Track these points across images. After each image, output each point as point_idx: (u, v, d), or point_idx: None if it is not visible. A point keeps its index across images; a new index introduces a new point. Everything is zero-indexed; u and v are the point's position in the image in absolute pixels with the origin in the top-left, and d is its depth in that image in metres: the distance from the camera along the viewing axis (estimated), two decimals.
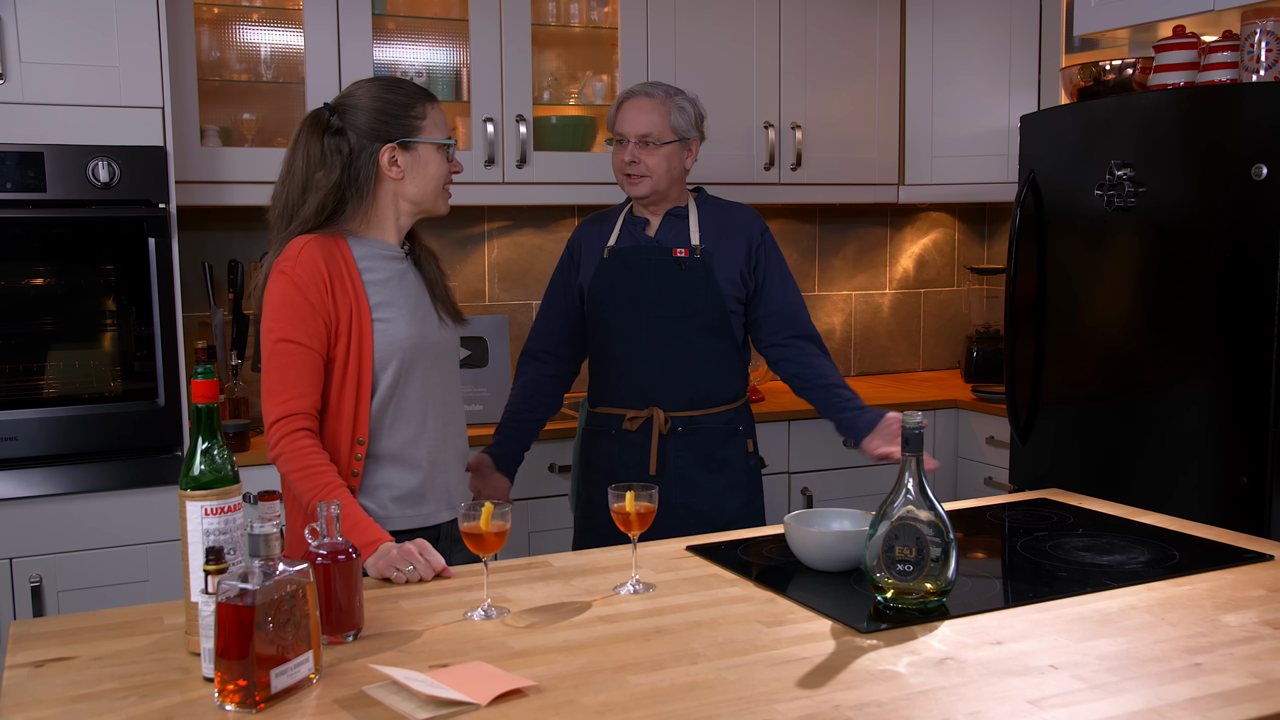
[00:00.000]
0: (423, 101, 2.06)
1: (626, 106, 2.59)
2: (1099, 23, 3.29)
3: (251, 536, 1.35)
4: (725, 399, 2.63)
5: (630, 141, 2.55)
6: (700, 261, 2.57)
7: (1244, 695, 1.35)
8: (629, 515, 1.77)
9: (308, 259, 1.95)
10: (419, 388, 2.04)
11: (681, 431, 2.59)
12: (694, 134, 2.61)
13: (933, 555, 1.61)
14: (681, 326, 2.57)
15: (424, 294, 2.10)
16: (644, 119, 2.55)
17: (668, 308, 2.57)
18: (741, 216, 2.66)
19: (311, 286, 1.94)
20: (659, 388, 2.58)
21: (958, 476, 3.79)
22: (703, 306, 2.57)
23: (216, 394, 1.53)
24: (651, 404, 2.58)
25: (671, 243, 2.60)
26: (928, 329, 4.44)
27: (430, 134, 2.06)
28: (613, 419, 2.62)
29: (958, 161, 3.89)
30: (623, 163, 2.57)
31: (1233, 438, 2.68)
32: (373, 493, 2.04)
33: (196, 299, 3.28)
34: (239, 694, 1.32)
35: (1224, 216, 2.69)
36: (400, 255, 2.08)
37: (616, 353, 2.61)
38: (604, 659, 1.48)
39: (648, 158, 2.54)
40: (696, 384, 2.59)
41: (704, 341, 2.59)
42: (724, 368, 2.62)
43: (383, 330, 2.00)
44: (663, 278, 2.57)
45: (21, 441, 2.68)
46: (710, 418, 2.61)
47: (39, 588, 2.66)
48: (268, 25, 3.23)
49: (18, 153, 2.62)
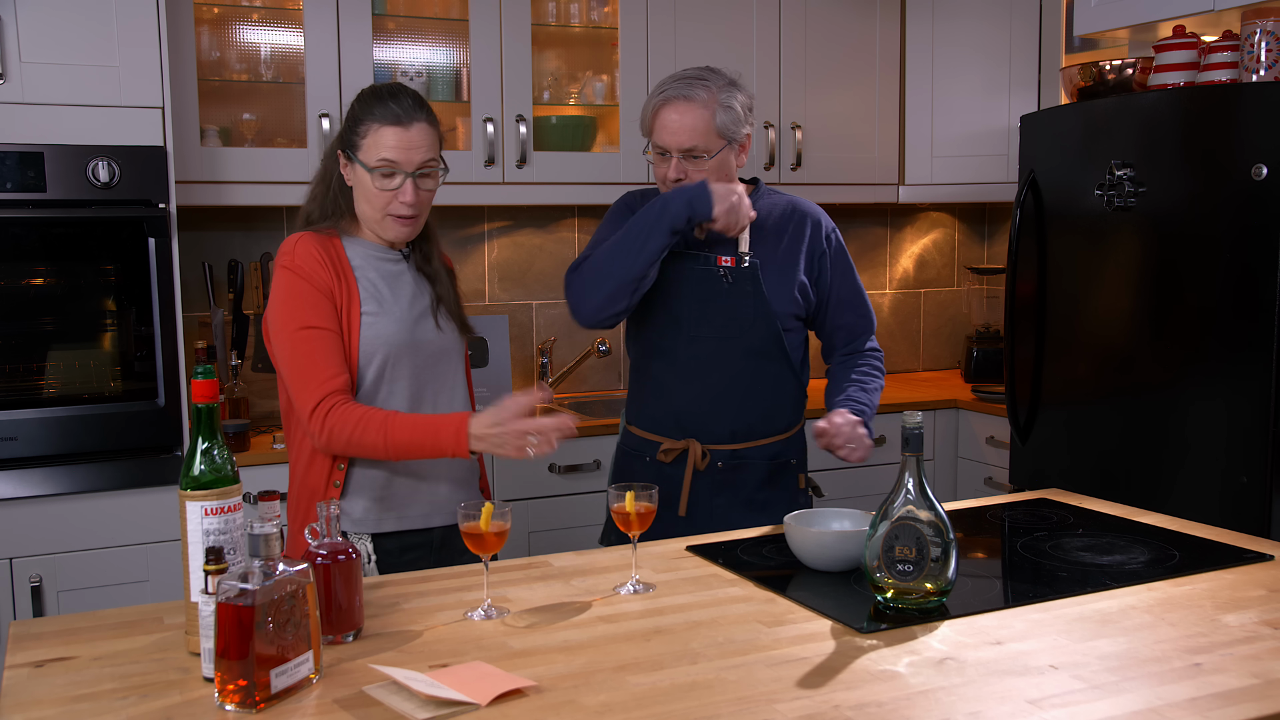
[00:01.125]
0: (372, 120, 1.96)
1: (665, 112, 2.21)
2: (1099, 23, 3.29)
3: (251, 536, 1.35)
4: (776, 429, 2.31)
5: (673, 155, 2.20)
6: (748, 272, 2.23)
7: (1244, 695, 1.35)
8: (629, 515, 1.77)
9: (303, 249, 1.98)
10: (406, 388, 2.03)
11: (722, 467, 2.27)
12: (744, 129, 2.25)
13: (933, 555, 1.61)
14: (726, 348, 2.25)
15: (422, 299, 2.08)
16: (687, 129, 2.18)
17: (710, 326, 2.24)
18: (803, 217, 2.33)
19: (315, 273, 1.97)
20: (698, 417, 2.26)
21: (958, 476, 3.79)
22: (751, 325, 2.24)
23: (216, 394, 1.53)
24: (689, 435, 2.27)
25: (718, 249, 2.25)
26: (928, 329, 4.44)
27: (363, 156, 1.96)
28: (647, 445, 2.33)
29: (958, 161, 3.89)
30: (667, 179, 2.23)
31: (1233, 438, 2.68)
32: (355, 492, 2.03)
33: (196, 299, 3.28)
34: (239, 694, 1.32)
35: (1224, 216, 2.69)
36: (394, 258, 2.07)
37: (652, 370, 2.31)
38: (604, 659, 1.48)
39: (696, 172, 2.20)
40: (742, 414, 2.27)
41: (752, 365, 2.26)
42: (775, 394, 2.30)
43: (369, 324, 2.00)
44: (704, 291, 2.24)
45: (21, 441, 2.68)
46: (755, 452, 2.29)
47: (39, 588, 2.66)
48: (268, 25, 3.23)
49: (18, 153, 2.62)
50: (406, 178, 1.96)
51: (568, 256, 3.80)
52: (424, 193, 2.00)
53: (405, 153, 1.96)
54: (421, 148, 1.97)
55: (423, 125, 1.98)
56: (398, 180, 1.97)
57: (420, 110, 1.99)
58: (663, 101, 2.21)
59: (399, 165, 1.96)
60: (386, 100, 1.98)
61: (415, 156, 1.96)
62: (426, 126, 1.99)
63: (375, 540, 2.04)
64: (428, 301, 2.09)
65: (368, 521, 2.04)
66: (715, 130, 2.19)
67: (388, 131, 1.95)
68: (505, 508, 1.65)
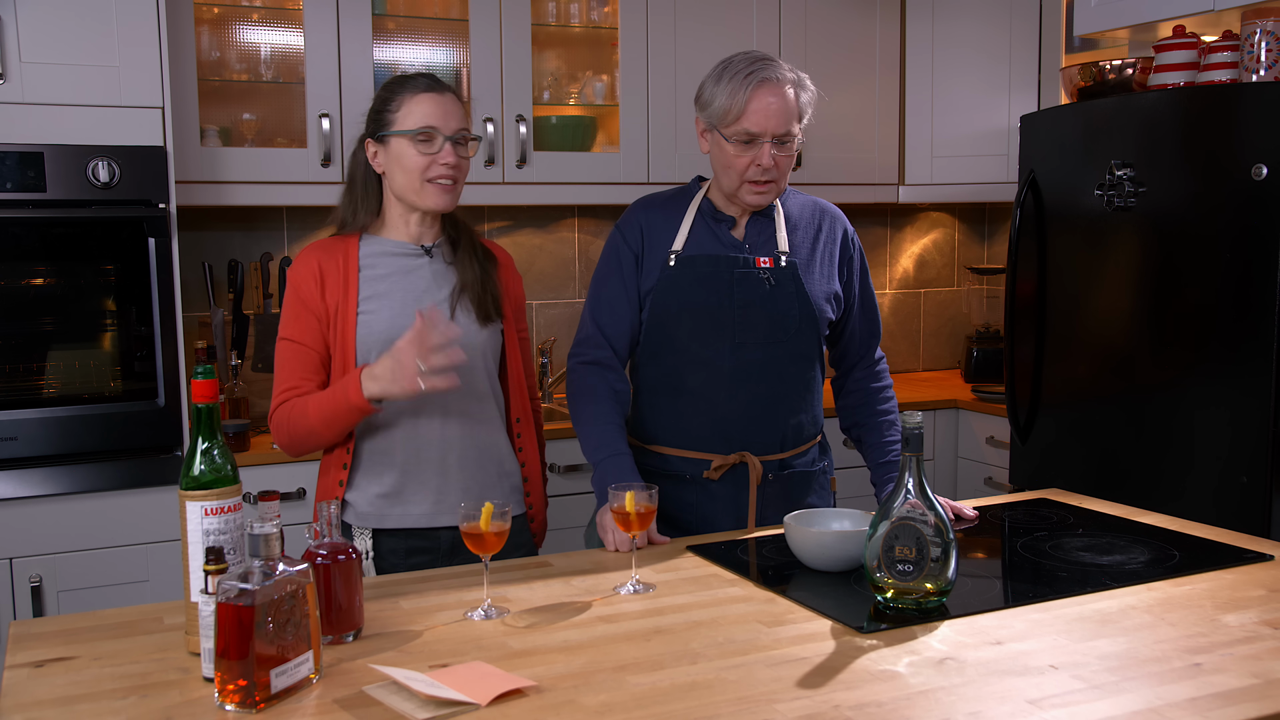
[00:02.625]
0: (401, 93, 2.02)
1: (762, 94, 2.06)
2: (1099, 23, 3.29)
3: (251, 536, 1.35)
4: (814, 433, 2.27)
5: (766, 142, 2.07)
6: (788, 272, 2.15)
7: (1244, 695, 1.35)
8: (629, 515, 1.77)
9: (302, 261, 2.06)
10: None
11: (772, 480, 2.19)
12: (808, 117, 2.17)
13: (933, 555, 1.61)
14: (772, 354, 2.15)
15: (439, 292, 2.07)
16: (786, 112, 2.07)
17: (756, 332, 2.14)
18: (830, 217, 2.27)
19: (304, 284, 2.04)
20: (746, 428, 2.16)
21: (958, 476, 3.79)
22: (796, 329, 2.16)
23: (216, 394, 1.53)
24: (737, 448, 2.16)
25: (758, 250, 2.17)
26: (928, 329, 4.44)
27: (400, 125, 2.01)
28: (685, 464, 2.19)
29: (958, 161, 3.89)
30: (753, 167, 2.09)
31: (1233, 438, 2.68)
32: (360, 487, 2.05)
33: (196, 299, 3.28)
34: (239, 694, 1.32)
35: (1224, 216, 2.69)
36: (412, 252, 2.08)
37: (691, 385, 2.17)
38: (604, 659, 1.48)
39: (782, 159, 2.10)
40: (789, 420, 2.20)
41: (797, 370, 2.18)
42: (815, 399, 2.25)
43: (365, 322, 2.02)
44: (748, 295, 2.14)
45: (21, 441, 2.68)
46: (800, 458, 2.24)
47: (39, 588, 2.66)
48: (268, 25, 3.23)
49: (18, 153, 2.62)
50: (446, 140, 2.01)
51: (568, 256, 3.80)
52: (461, 160, 2.04)
53: (442, 117, 2.01)
54: (456, 114, 2.04)
55: (453, 96, 2.06)
56: (438, 143, 2.01)
57: (448, 87, 2.07)
58: (759, 83, 2.06)
59: (438, 128, 2.00)
60: (416, 77, 2.06)
61: (452, 122, 2.02)
62: (456, 99, 2.06)
63: (378, 538, 2.04)
64: (447, 294, 2.08)
65: (370, 516, 2.04)
66: (798, 115, 2.12)
67: (424, 98, 2.02)
68: (505, 508, 1.65)
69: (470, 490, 2.06)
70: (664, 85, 3.52)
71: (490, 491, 2.08)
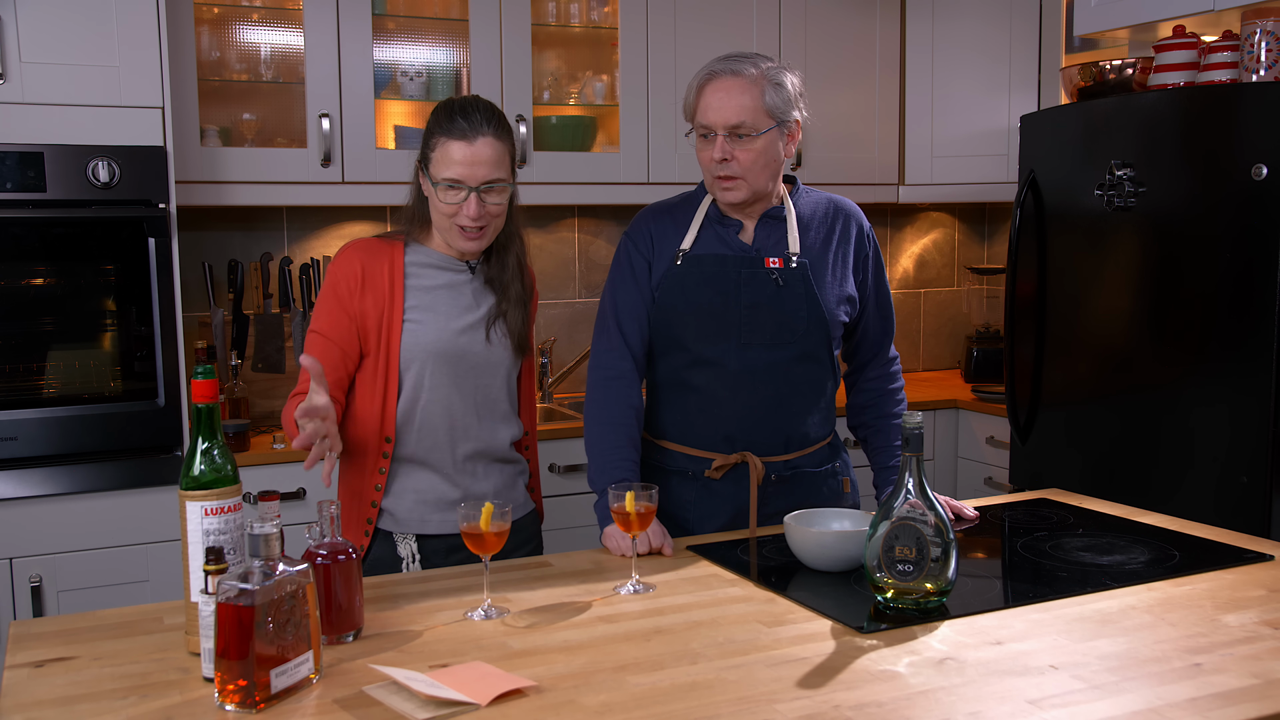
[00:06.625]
0: (441, 135, 1.98)
1: (710, 90, 2.09)
2: (1099, 23, 3.30)
3: (251, 536, 1.35)
4: (822, 435, 2.25)
5: (719, 134, 2.08)
6: (798, 273, 2.13)
7: (1244, 695, 1.35)
8: (629, 515, 1.77)
9: (343, 258, 2.06)
10: (446, 394, 2.05)
11: (775, 480, 2.19)
12: (794, 113, 2.12)
13: (933, 555, 1.61)
14: (778, 356, 2.14)
15: (478, 311, 2.08)
16: (733, 104, 2.06)
17: (762, 333, 2.13)
18: (845, 215, 2.23)
19: (343, 283, 2.04)
20: (749, 429, 2.16)
21: (958, 476, 3.79)
22: (804, 331, 2.14)
23: (216, 394, 1.53)
24: (739, 448, 2.16)
25: (767, 251, 2.15)
26: (928, 329, 4.44)
27: (433, 168, 1.99)
28: (688, 460, 2.20)
29: (958, 161, 3.89)
30: (711, 161, 2.10)
31: (1233, 438, 2.68)
32: (400, 495, 2.07)
33: (196, 299, 3.28)
34: (239, 694, 1.32)
35: (1224, 216, 2.69)
36: (457, 267, 2.08)
37: (696, 384, 2.17)
38: (604, 659, 1.48)
39: (741, 153, 2.07)
40: (794, 423, 2.18)
41: (804, 371, 2.17)
42: (825, 400, 2.23)
43: (411, 331, 2.03)
44: (755, 296, 2.13)
45: (21, 441, 2.68)
46: (807, 460, 2.22)
47: (39, 588, 2.66)
48: (268, 25, 3.23)
49: (18, 153, 2.62)
50: (470, 193, 1.97)
51: (568, 256, 3.80)
52: (491, 206, 2.00)
53: (469, 169, 1.96)
54: (486, 164, 1.97)
55: (489, 139, 1.97)
56: (462, 195, 1.97)
57: (488, 125, 1.98)
58: (708, 77, 2.10)
59: (462, 181, 1.96)
60: (456, 115, 1.98)
61: (479, 173, 1.96)
62: (494, 141, 1.98)
63: (420, 541, 2.07)
64: (484, 313, 2.08)
65: (411, 522, 2.07)
66: (764, 108, 2.07)
67: (454, 146, 1.96)
68: (505, 508, 1.65)
69: (501, 494, 2.12)
70: (664, 85, 3.52)
71: (509, 493, 2.15)
